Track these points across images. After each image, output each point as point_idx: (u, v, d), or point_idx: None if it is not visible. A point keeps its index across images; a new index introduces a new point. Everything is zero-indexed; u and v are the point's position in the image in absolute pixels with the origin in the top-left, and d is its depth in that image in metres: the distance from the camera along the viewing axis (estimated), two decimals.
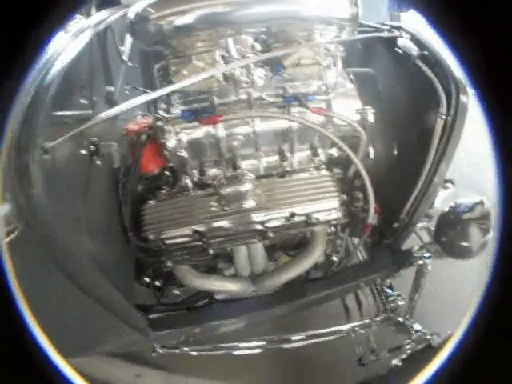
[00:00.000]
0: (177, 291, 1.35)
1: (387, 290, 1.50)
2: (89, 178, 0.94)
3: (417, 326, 1.35)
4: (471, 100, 1.10)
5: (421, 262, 1.38)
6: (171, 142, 1.05)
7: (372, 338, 1.47)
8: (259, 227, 1.06)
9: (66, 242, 0.75)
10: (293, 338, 1.42)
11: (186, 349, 1.36)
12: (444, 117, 1.07)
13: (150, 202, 1.12)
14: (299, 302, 1.31)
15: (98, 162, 0.97)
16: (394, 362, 1.31)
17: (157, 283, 1.28)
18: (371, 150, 1.23)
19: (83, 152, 0.91)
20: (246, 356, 1.47)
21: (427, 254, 1.38)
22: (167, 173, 1.16)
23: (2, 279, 0.41)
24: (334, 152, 1.23)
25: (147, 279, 1.25)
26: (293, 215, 1.05)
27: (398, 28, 1.31)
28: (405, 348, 1.33)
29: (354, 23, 1.12)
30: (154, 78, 1.27)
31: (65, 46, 0.95)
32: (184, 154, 1.06)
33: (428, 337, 1.28)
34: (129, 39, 1.37)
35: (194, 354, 1.40)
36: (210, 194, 1.06)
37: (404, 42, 1.25)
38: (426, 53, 1.19)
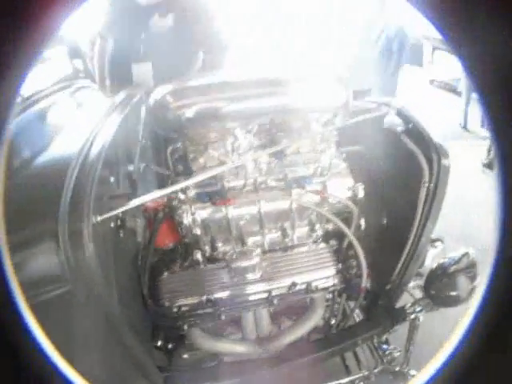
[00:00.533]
0: (186, 355, 1.47)
1: (384, 345, 1.64)
2: (115, 248, 1.05)
3: (413, 372, 1.47)
4: (452, 162, 1.26)
5: (413, 316, 1.54)
6: (187, 220, 1.21)
7: None
8: (265, 295, 1.22)
9: (105, 300, 0.87)
10: None
11: None
12: (426, 184, 1.22)
13: (165, 273, 1.28)
14: (301, 361, 1.43)
15: (122, 235, 1.09)
16: None
17: (169, 346, 1.41)
18: (363, 222, 1.41)
19: (112, 225, 1.02)
20: None
21: (419, 309, 1.54)
22: (180, 248, 1.32)
23: (1, 279, 0.41)
24: (330, 226, 1.39)
25: (160, 342, 1.38)
26: (294, 284, 1.21)
27: (386, 104, 1.47)
28: None
29: (347, 109, 1.33)
30: (166, 157, 1.45)
31: (99, 127, 1.11)
32: (198, 231, 1.22)
33: None
34: (142, 120, 1.56)
35: None
36: (222, 267, 1.22)
37: (390, 118, 1.42)
38: (410, 126, 1.35)
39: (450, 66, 6.20)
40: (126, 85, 1.69)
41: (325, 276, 1.25)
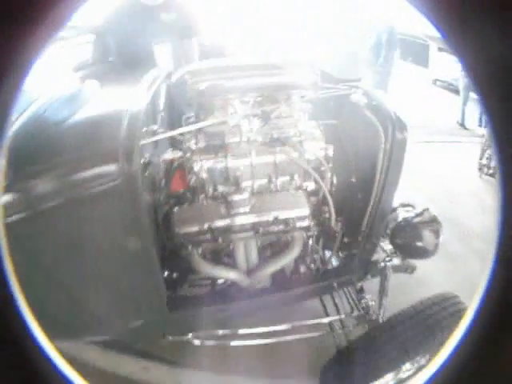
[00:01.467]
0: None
1: (359, 294, 2.01)
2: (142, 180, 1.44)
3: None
4: (410, 137, 1.64)
5: (382, 264, 1.94)
6: (196, 167, 1.66)
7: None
8: (253, 225, 1.65)
9: (141, 203, 1.32)
10: (280, 328, 1.93)
11: (190, 335, 1.85)
12: (383, 145, 1.62)
13: (176, 208, 1.72)
14: (287, 294, 1.85)
15: (146, 174, 1.51)
16: None
17: (174, 276, 1.85)
18: (334, 179, 1.86)
19: (142, 161, 1.43)
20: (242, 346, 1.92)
21: (388, 259, 1.95)
22: (188, 193, 1.77)
23: (2, 278, 0.43)
24: (311, 185, 1.83)
25: (166, 273, 1.79)
26: (276, 218, 1.65)
27: (355, 86, 1.91)
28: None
29: (315, 87, 1.77)
30: (181, 124, 1.93)
31: (140, 95, 1.58)
32: (204, 175, 1.67)
33: None
34: (163, 94, 2.04)
35: (197, 342, 1.87)
36: (221, 202, 1.67)
37: (356, 96, 1.83)
38: (374, 103, 1.76)
39: (453, 67, 6.68)
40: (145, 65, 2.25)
41: (301, 214, 1.68)
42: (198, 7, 2.89)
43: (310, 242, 1.91)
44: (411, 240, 1.85)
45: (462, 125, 6.02)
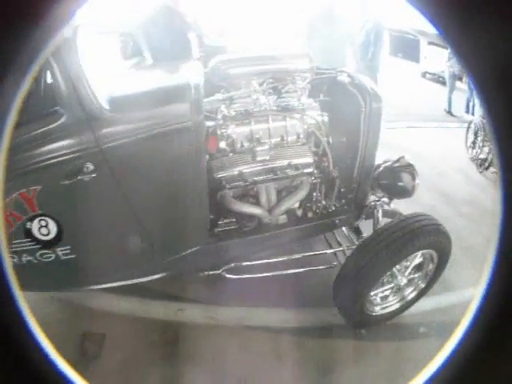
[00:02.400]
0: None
1: (357, 232, 2.77)
2: None
3: None
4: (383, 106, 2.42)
5: (372, 203, 2.65)
6: (229, 130, 2.38)
7: None
8: (272, 169, 2.39)
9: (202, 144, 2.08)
10: (295, 257, 2.67)
11: (219, 271, 2.52)
12: (363, 109, 2.38)
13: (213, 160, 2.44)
14: (299, 228, 2.58)
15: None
16: None
17: (211, 217, 2.56)
18: (330, 138, 2.61)
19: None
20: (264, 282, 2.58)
21: (377, 199, 2.66)
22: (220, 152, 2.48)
23: (1, 278, 0.45)
24: (312, 147, 2.58)
25: None
26: (289, 164, 2.39)
27: (342, 71, 2.69)
28: None
29: (311, 71, 2.52)
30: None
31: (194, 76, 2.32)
32: (235, 135, 2.39)
33: None
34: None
35: (229, 276, 2.51)
36: (248, 153, 2.41)
37: (342, 77, 2.60)
38: (356, 81, 2.52)
39: (441, 60, 7.52)
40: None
41: (307, 161, 2.40)
42: (207, 12, 3.96)
43: (315, 193, 2.64)
44: (393, 180, 2.56)
45: (449, 112, 6.87)
